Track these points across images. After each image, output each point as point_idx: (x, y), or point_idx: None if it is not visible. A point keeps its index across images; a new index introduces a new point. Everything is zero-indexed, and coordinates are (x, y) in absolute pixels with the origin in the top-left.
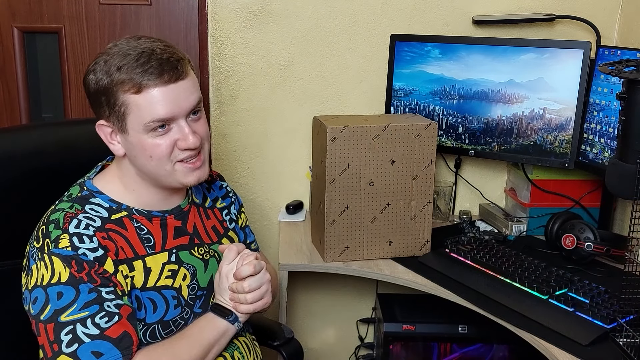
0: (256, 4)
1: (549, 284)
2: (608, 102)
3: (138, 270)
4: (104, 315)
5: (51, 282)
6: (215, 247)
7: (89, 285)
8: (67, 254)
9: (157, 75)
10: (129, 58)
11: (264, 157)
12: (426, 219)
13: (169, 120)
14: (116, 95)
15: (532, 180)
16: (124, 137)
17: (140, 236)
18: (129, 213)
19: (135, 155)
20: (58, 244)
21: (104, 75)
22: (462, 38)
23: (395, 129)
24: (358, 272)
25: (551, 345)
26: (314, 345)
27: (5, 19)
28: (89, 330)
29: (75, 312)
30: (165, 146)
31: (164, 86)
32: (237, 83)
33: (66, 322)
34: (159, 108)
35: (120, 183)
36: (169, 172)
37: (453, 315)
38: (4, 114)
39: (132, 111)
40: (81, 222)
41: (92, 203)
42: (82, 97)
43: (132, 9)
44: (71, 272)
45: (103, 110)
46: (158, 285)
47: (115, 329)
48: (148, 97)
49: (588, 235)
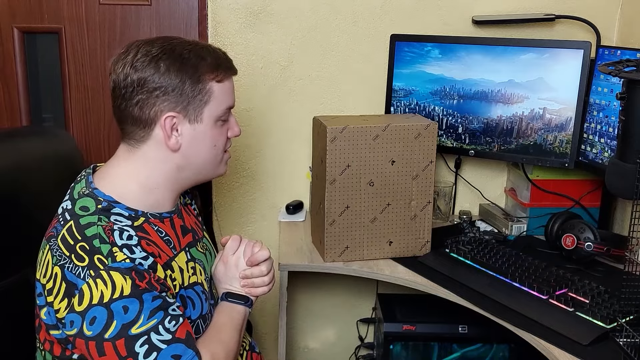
0: (256, 4)
1: (549, 284)
2: (608, 102)
3: (176, 271)
4: (170, 319)
5: (113, 297)
6: (204, 241)
7: (153, 294)
8: (126, 266)
9: (229, 67)
10: (204, 50)
11: (264, 157)
12: (426, 219)
13: (230, 110)
14: (204, 83)
15: (532, 180)
16: (192, 127)
17: (163, 239)
18: (145, 219)
19: (198, 145)
20: (115, 258)
21: (186, 62)
22: (462, 38)
23: (395, 129)
24: (358, 272)
25: (551, 345)
26: (314, 345)
27: (5, 19)
28: (163, 336)
29: (145, 323)
30: (224, 136)
31: (232, 77)
32: (237, 83)
33: (138, 334)
34: (230, 98)
35: (135, 184)
36: (219, 160)
37: (453, 315)
38: (4, 115)
39: (213, 99)
40: (122, 233)
41: (114, 214)
42: (82, 97)
43: (132, 9)
44: (133, 284)
45: (173, 100)
46: (191, 282)
47: (181, 330)
48: (226, 86)
49: (588, 235)
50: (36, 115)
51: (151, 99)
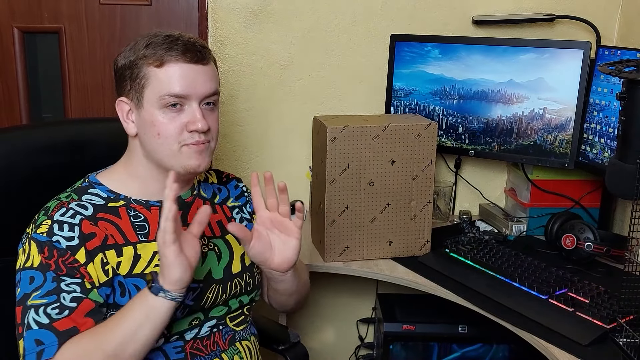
0: (256, 4)
1: (549, 284)
2: (608, 102)
3: (126, 257)
4: (56, 307)
5: (25, 265)
6: (217, 240)
7: (53, 274)
8: (42, 240)
9: (181, 52)
10: (157, 38)
11: (264, 157)
12: (426, 219)
13: (182, 98)
14: (139, 67)
15: (532, 180)
16: (138, 113)
17: (133, 224)
18: (126, 203)
19: (145, 133)
20: (38, 229)
21: (131, 53)
22: (462, 38)
23: (395, 129)
24: (358, 272)
25: (551, 345)
26: (314, 345)
27: (5, 19)
28: (40, 318)
29: (37, 298)
30: (174, 126)
31: (184, 64)
32: (237, 83)
33: (29, 306)
34: (176, 84)
35: (124, 172)
36: (173, 152)
37: (453, 315)
38: (3, 114)
39: (150, 83)
40: (69, 211)
41: (89, 193)
42: (82, 97)
43: (132, 9)
44: (41, 259)
45: (125, 85)
46: (145, 272)
47: (64, 322)
48: (169, 71)
49: (588, 235)
50: (36, 114)
51: (115, 87)
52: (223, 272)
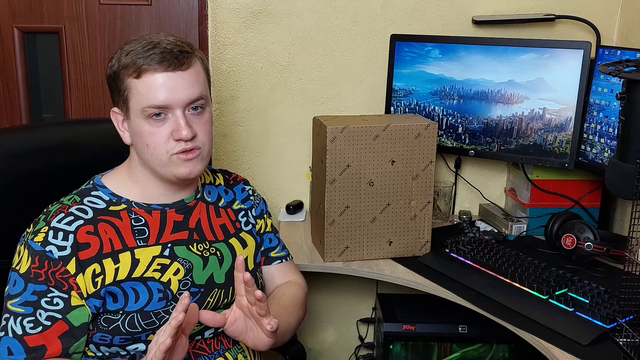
0: (256, 4)
1: (549, 284)
2: (608, 102)
3: (124, 262)
4: (31, 320)
5: (15, 267)
6: (219, 245)
7: (36, 287)
8: (36, 249)
9: (157, 61)
10: (137, 45)
11: (264, 157)
12: (426, 219)
13: (165, 108)
14: (121, 79)
15: (532, 180)
16: (129, 123)
17: (133, 228)
18: (127, 206)
19: (136, 143)
20: (35, 236)
21: (116, 62)
22: (462, 38)
23: (395, 129)
24: (358, 272)
25: (551, 345)
26: (314, 345)
27: (5, 19)
28: (16, 327)
29: (16, 305)
30: (160, 136)
31: (162, 73)
32: (237, 83)
33: (7, 310)
34: (156, 94)
35: (126, 175)
36: (164, 162)
37: (453, 315)
38: (4, 114)
39: (133, 95)
40: (68, 216)
41: (92, 196)
42: (82, 97)
43: (132, 9)
44: (29, 267)
45: (114, 96)
46: (145, 276)
47: (35, 338)
48: (147, 82)
49: (588, 235)
50: (36, 114)
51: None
52: (225, 277)
